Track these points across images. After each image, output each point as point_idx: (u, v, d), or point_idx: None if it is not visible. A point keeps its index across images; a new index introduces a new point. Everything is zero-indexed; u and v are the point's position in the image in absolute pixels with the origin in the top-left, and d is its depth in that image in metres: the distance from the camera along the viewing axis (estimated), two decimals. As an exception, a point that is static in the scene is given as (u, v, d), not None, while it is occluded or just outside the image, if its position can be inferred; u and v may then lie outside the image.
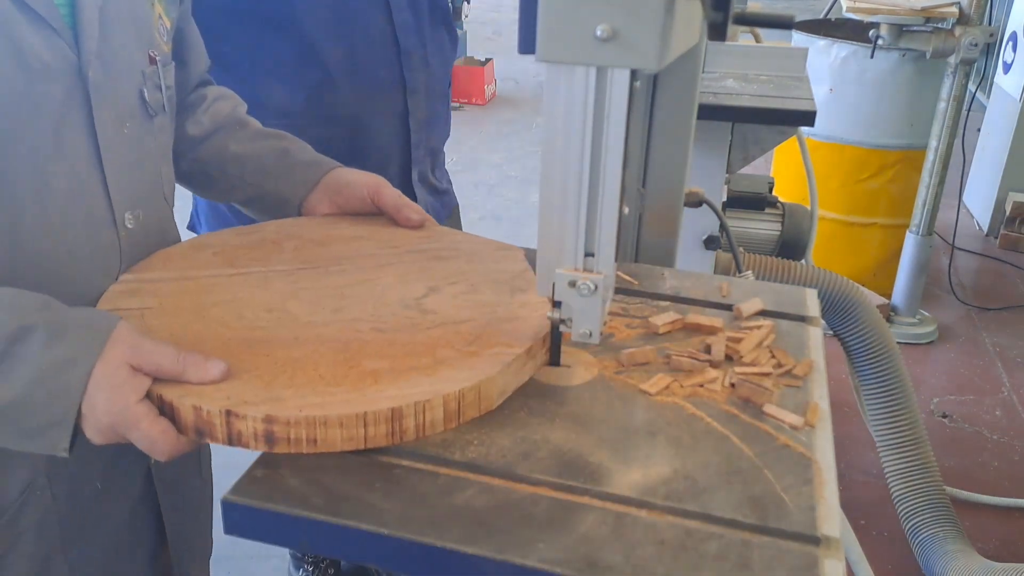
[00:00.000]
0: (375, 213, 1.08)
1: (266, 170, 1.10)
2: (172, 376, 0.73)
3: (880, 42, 2.81)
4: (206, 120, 1.11)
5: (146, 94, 0.91)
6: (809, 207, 2.05)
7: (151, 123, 0.93)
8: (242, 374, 0.75)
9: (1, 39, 0.74)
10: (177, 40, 1.03)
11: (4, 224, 0.78)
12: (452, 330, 0.83)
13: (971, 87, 2.87)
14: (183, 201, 1.27)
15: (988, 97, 4.44)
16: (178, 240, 1.04)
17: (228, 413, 0.70)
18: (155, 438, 0.71)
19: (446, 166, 1.67)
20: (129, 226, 0.91)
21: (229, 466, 0.86)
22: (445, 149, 1.63)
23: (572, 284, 0.76)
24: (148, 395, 0.73)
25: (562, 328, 0.82)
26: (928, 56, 2.74)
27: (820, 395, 0.82)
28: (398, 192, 1.07)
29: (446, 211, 1.62)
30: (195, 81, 1.13)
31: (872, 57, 2.92)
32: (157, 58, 0.93)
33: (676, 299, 1.00)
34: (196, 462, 1.10)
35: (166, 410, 0.73)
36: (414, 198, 1.46)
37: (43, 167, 0.80)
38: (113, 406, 0.71)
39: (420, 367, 0.76)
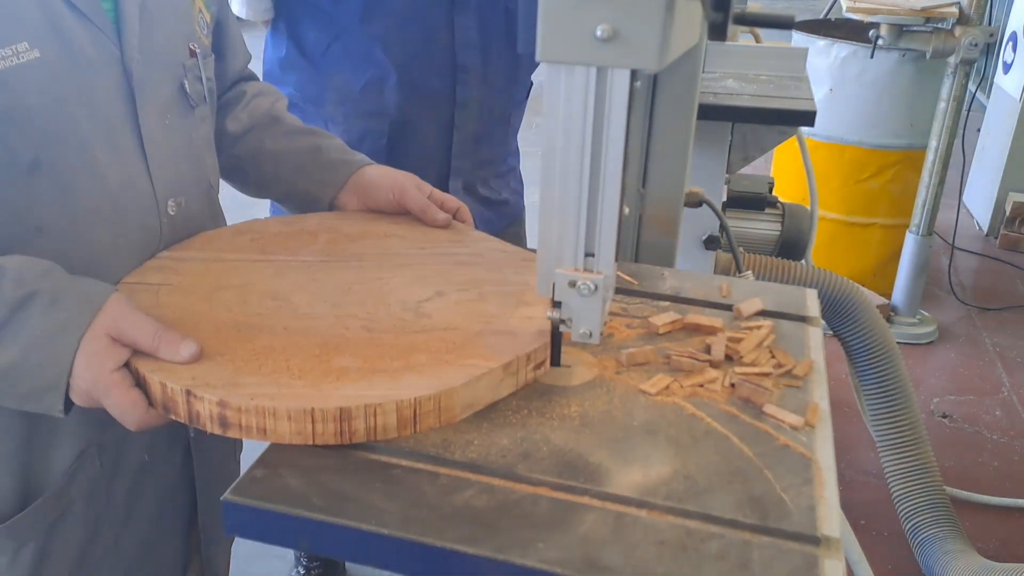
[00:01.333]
0: (403, 212, 1.08)
1: (298, 167, 1.12)
2: (146, 351, 0.76)
3: (880, 42, 2.81)
4: (244, 117, 1.14)
5: (187, 86, 0.94)
6: (809, 207, 2.05)
7: (192, 114, 0.96)
8: (217, 356, 0.77)
9: (50, 33, 0.78)
10: (216, 34, 1.06)
11: (62, 213, 0.82)
12: (438, 336, 0.82)
13: (971, 87, 2.87)
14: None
15: (988, 97, 4.44)
16: (223, 224, 1.07)
17: (188, 392, 0.72)
18: (125, 408, 0.74)
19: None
20: (171, 212, 0.94)
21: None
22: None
23: (572, 284, 0.76)
24: (128, 366, 0.76)
25: (562, 328, 0.82)
26: (928, 56, 2.74)
27: (820, 395, 0.82)
28: (427, 190, 1.08)
29: (504, 221, 1.64)
30: (233, 76, 1.15)
31: (872, 57, 2.91)
32: (197, 51, 0.96)
33: (676, 299, 1.00)
34: (231, 445, 1.12)
35: (141, 383, 0.75)
36: None
37: (94, 158, 0.83)
38: (88, 372, 0.74)
39: (388, 370, 0.76)
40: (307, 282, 0.92)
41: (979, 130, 4.22)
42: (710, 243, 1.74)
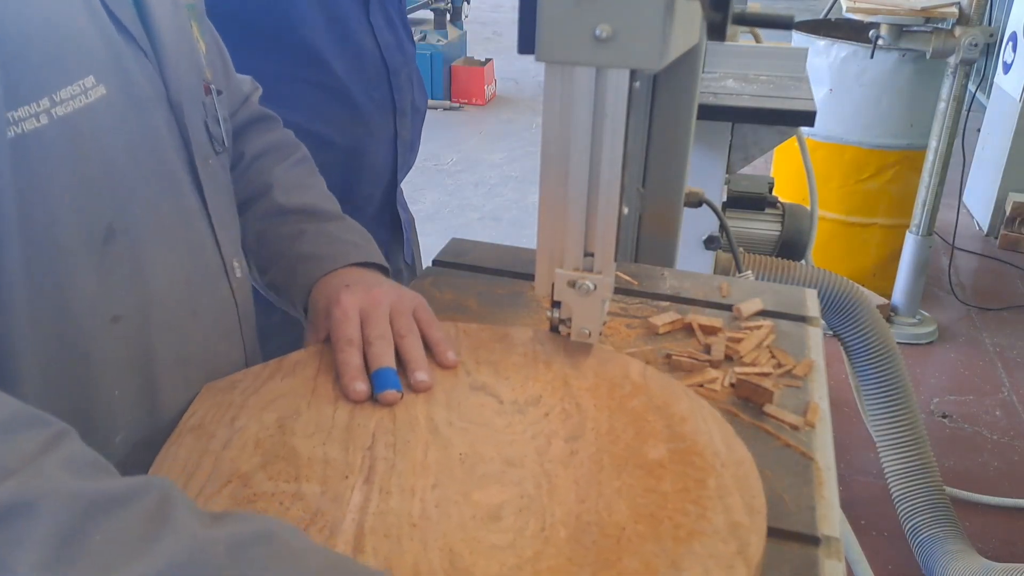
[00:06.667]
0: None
1: (274, 256, 0.91)
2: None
3: (880, 42, 2.81)
4: (241, 187, 0.92)
5: (209, 127, 0.78)
6: (809, 207, 2.05)
7: (218, 160, 0.80)
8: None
9: (111, 64, 0.63)
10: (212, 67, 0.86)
11: (137, 294, 0.68)
12: None
13: (971, 87, 2.87)
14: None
15: (988, 97, 4.44)
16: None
17: None
18: None
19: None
20: (238, 275, 0.80)
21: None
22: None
23: (572, 284, 0.76)
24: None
25: (561, 328, 0.82)
26: (928, 56, 2.74)
27: (820, 395, 0.82)
28: (379, 317, 0.81)
29: (408, 216, 1.47)
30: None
31: (872, 57, 2.91)
32: (212, 87, 0.79)
33: (676, 299, 1.00)
34: None
35: None
36: (394, 218, 1.36)
37: (163, 219, 0.70)
38: None
39: None
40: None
41: (979, 130, 4.22)
42: (710, 243, 1.74)
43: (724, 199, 1.91)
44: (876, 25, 2.78)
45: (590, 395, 0.76)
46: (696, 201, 1.37)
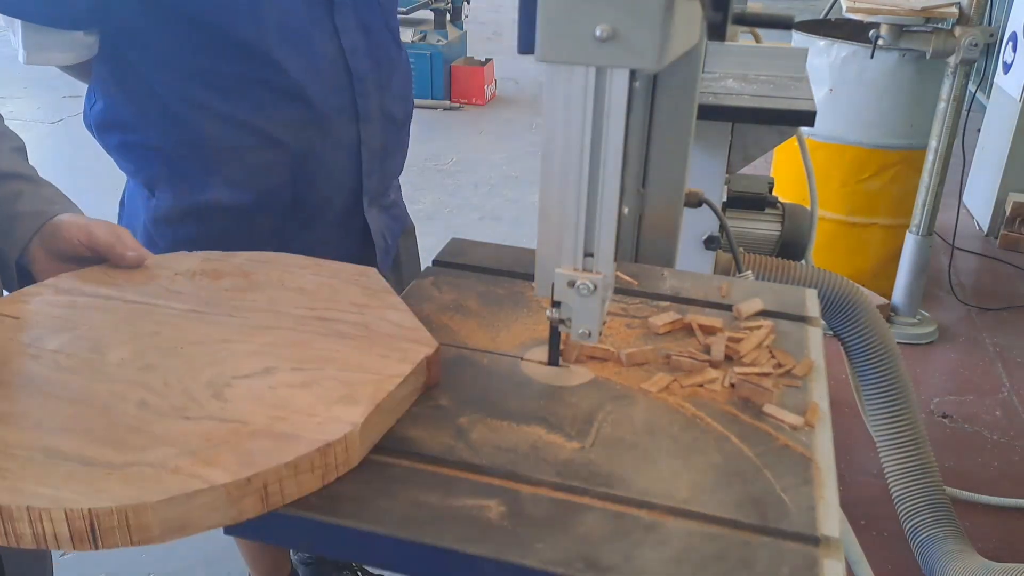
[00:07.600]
0: (97, 257, 0.96)
1: None
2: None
3: (880, 42, 2.81)
4: None
5: None
6: (809, 207, 2.05)
7: None
8: None
9: None
10: None
11: None
12: (205, 429, 0.68)
13: (971, 87, 2.87)
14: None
15: (988, 97, 4.44)
16: None
17: None
18: None
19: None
20: None
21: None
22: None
23: (571, 284, 0.76)
24: None
25: (561, 328, 0.82)
26: (928, 56, 2.74)
27: (820, 395, 0.82)
28: (116, 229, 0.97)
29: (399, 225, 1.48)
30: None
31: (872, 57, 2.91)
32: None
33: (676, 299, 1.00)
34: None
35: None
36: (365, 226, 1.35)
37: None
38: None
39: (101, 465, 0.63)
40: (144, 335, 0.81)
41: (979, 130, 4.22)
42: (710, 243, 1.74)
43: (724, 199, 1.90)
44: (876, 25, 2.77)
45: None
46: (696, 201, 1.37)
